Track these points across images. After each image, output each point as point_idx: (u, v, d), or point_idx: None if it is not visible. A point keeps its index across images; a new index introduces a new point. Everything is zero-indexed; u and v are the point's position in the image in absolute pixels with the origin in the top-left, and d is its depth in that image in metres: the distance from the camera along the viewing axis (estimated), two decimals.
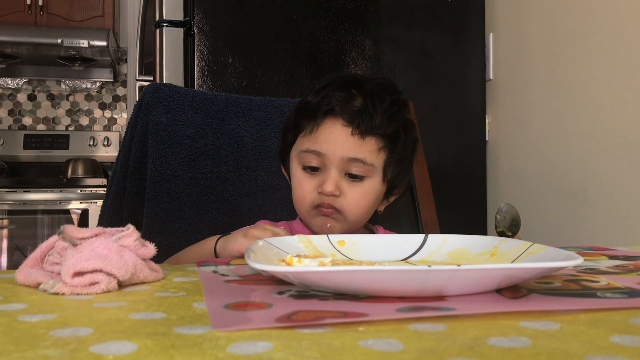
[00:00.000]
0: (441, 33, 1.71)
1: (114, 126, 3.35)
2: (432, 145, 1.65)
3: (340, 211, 0.79)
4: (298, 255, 0.54)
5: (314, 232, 0.82)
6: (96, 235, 0.48)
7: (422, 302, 0.39)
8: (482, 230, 1.71)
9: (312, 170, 0.80)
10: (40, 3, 2.97)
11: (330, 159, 0.78)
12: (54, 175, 2.93)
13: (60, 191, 2.67)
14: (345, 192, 0.78)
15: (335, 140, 0.78)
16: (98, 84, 3.34)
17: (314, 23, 1.59)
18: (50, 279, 0.45)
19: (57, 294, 0.43)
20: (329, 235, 0.62)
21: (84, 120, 3.33)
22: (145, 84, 1.87)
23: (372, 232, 0.91)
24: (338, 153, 0.78)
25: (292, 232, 0.85)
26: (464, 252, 0.58)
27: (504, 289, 0.44)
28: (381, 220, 1.04)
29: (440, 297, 0.41)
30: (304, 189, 0.80)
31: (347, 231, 0.81)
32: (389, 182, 0.82)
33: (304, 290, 0.44)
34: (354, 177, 0.79)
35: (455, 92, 1.72)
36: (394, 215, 1.16)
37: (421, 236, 0.62)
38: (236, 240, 0.69)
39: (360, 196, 0.79)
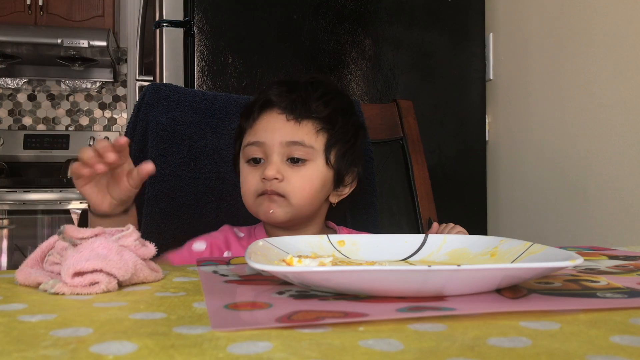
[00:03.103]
0: (441, 33, 1.71)
1: (114, 126, 3.35)
2: (432, 145, 1.65)
3: (283, 195, 0.79)
4: (298, 256, 0.54)
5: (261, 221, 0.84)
6: (96, 235, 0.48)
7: (422, 302, 0.39)
8: (482, 230, 1.71)
9: (256, 162, 0.82)
10: (40, 3, 2.96)
11: (269, 146, 0.80)
12: (54, 175, 2.93)
13: (60, 191, 2.67)
14: (289, 177, 0.79)
15: (272, 127, 0.81)
16: (98, 84, 3.34)
17: (314, 23, 1.59)
18: (50, 279, 0.45)
19: (57, 294, 0.43)
20: (329, 235, 0.62)
21: (84, 120, 3.33)
22: (145, 84, 1.87)
23: (335, 231, 0.91)
24: (277, 138, 0.80)
25: (254, 237, 0.85)
26: (464, 252, 0.58)
27: (504, 289, 0.44)
28: (381, 220, 1.05)
29: (440, 297, 0.41)
30: (249, 180, 0.82)
31: (292, 217, 0.81)
32: (334, 167, 0.83)
33: (304, 290, 0.44)
34: (295, 162, 0.80)
35: (455, 92, 1.72)
36: (394, 215, 1.15)
37: (421, 236, 0.62)
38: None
39: (304, 180, 0.80)
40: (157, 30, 1.53)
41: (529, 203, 1.57)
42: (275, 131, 0.81)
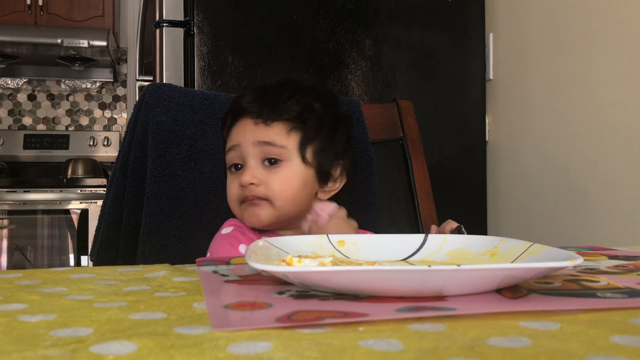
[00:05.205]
0: (441, 33, 1.71)
1: (114, 126, 3.35)
2: (432, 145, 1.65)
3: (266, 198, 0.81)
4: (298, 255, 0.54)
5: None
6: None
7: (422, 302, 0.39)
8: (482, 230, 1.71)
9: (236, 169, 0.84)
10: (40, 3, 2.97)
11: (244, 148, 0.82)
12: (54, 175, 2.93)
13: (60, 191, 2.67)
14: (266, 180, 0.81)
15: (243, 130, 0.83)
16: (98, 84, 3.34)
17: (314, 23, 1.59)
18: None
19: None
20: (329, 235, 0.62)
21: (84, 120, 3.33)
22: (145, 84, 1.87)
23: None
24: (249, 139, 0.82)
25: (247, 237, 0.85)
26: (464, 252, 0.58)
27: (504, 289, 0.44)
28: (381, 220, 1.04)
29: (440, 297, 0.41)
30: (231, 188, 0.84)
31: (277, 220, 0.82)
32: (313, 164, 0.83)
33: (304, 290, 0.44)
34: (272, 163, 0.82)
35: (455, 92, 1.72)
36: (394, 215, 1.16)
37: (421, 236, 0.62)
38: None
39: (281, 181, 0.81)
40: (157, 30, 1.53)
41: (529, 203, 1.57)
42: (247, 132, 0.82)
